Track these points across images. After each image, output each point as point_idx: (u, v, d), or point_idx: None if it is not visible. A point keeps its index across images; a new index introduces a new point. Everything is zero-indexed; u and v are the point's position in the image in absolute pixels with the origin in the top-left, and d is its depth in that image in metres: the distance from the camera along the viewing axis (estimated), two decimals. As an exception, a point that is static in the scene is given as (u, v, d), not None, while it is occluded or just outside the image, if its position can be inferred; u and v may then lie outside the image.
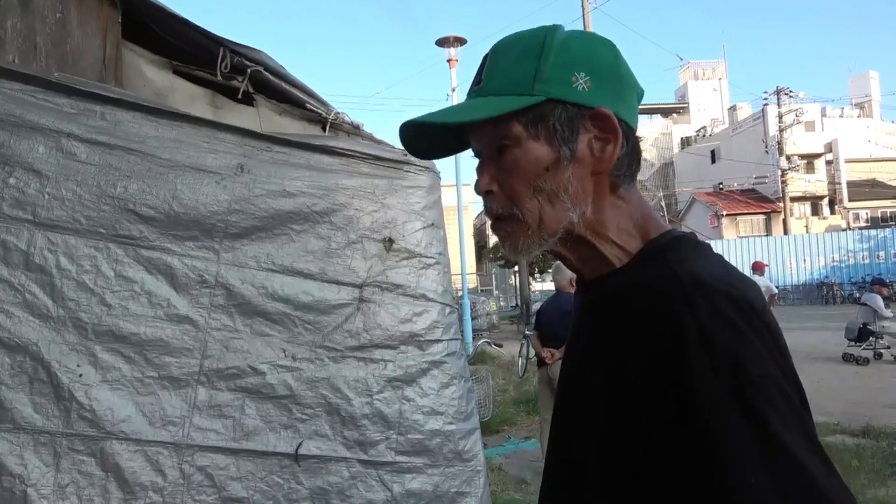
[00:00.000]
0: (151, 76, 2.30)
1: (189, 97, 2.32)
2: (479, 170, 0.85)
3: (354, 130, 2.49)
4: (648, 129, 51.63)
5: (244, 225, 2.11)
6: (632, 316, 0.77)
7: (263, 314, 2.11)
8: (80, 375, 1.87)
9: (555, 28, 0.83)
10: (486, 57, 0.86)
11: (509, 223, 0.83)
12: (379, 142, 2.47)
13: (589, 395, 0.83)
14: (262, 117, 2.39)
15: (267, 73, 2.28)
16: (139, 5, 2.17)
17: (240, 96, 2.31)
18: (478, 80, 0.85)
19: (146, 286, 1.98)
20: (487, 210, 0.86)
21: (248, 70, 2.26)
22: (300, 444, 2.11)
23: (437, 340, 2.40)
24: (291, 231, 2.20)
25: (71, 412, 1.85)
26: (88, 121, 1.93)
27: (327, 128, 2.47)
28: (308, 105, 2.42)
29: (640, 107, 0.90)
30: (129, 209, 1.96)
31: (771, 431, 0.63)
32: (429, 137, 0.90)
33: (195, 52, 2.27)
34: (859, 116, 47.94)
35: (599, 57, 0.82)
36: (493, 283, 36.75)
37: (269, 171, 2.17)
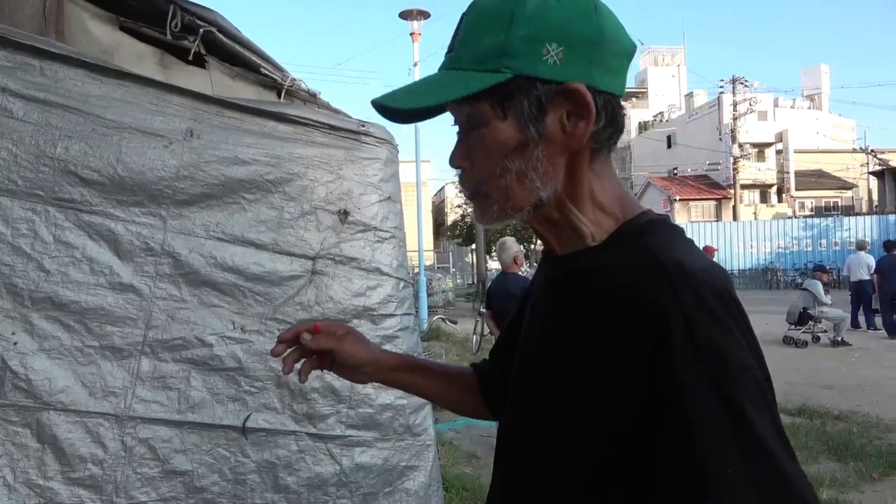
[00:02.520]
0: (96, 32, 2.19)
1: (136, 56, 2.22)
2: (456, 143, 0.84)
3: (311, 98, 2.42)
4: (608, 113, 52.01)
5: (193, 192, 2.04)
6: (607, 297, 0.75)
7: (212, 284, 2.05)
8: (15, 343, 1.79)
9: None
10: (462, 17, 0.81)
11: (477, 199, 0.83)
12: (336, 111, 2.41)
13: (550, 375, 0.81)
14: (214, 81, 2.30)
15: (220, 35, 2.19)
16: (84, -44, 2.05)
17: (191, 58, 2.22)
18: (451, 46, 0.81)
19: (87, 252, 1.90)
20: (461, 182, 0.86)
21: (201, 30, 2.16)
22: (248, 416, 2.08)
23: (391, 315, 2.39)
24: (243, 200, 2.13)
25: (5, 381, 1.77)
26: (26, 76, 1.82)
27: (283, 95, 2.40)
28: (263, 70, 2.35)
29: None
30: (70, 171, 1.87)
31: (747, 422, 0.65)
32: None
33: (143, 9, 2.16)
34: (809, 108, 49.45)
35: (576, 22, 0.76)
36: (451, 260, 36.84)
37: (221, 136, 2.09)
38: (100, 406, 1.88)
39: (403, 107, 0.81)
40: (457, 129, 0.85)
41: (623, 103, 0.88)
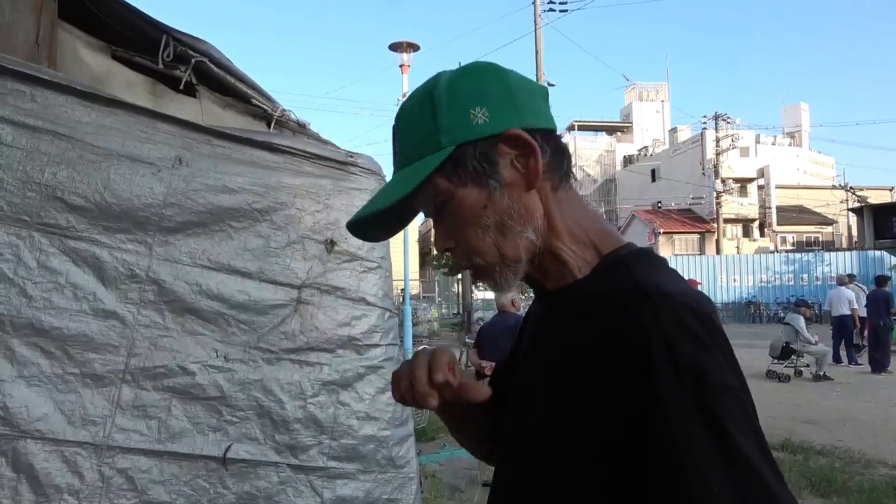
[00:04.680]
0: (88, 60, 2.20)
1: (127, 84, 2.23)
2: (435, 231, 0.89)
3: (300, 129, 2.45)
4: (593, 146, 52.81)
5: (180, 219, 2.04)
6: (594, 324, 0.77)
7: (196, 312, 2.04)
8: (-6, 370, 1.76)
9: (437, 79, 0.85)
10: (393, 130, 0.89)
11: (478, 271, 0.86)
12: (324, 141, 2.43)
13: (542, 403, 0.82)
14: (205, 110, 2.32)
15: (212, 65, 2.22)
16: (78, -15, 2.08)
17: (182, 87, 2.24)
18: (395, 150, 0.89)
19: (71, 278, 1.89)
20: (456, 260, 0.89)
21: (193, 60, 2.19)
22: (229, 447, 2.05)
23: (376, 345, 2.38)
24: (230, 228, 2.14)
25: (-19, 409, 1.74)
26: (17, 102, 1.83)
27: (272, 125, 2.42)
28: (253, 100, 2.37)
29: (587, 124, 0.94)
30: (57, 197, 1.87)
31: (731, 440, 0.65)
32: (379, 221, 0.90)
33: (136, 38, 2.19)
34: (790, 145, 50.45)
35: (485, 85, 0.84)
36: (436, 290, 36.77)
37: (209, 165, 2.10)
38: (78, 435, 1.85)
39: (364, 214, 0.86)
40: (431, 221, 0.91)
41: (608, 137, 0.92)
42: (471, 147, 0.82)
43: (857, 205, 33.52)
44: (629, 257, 0.84)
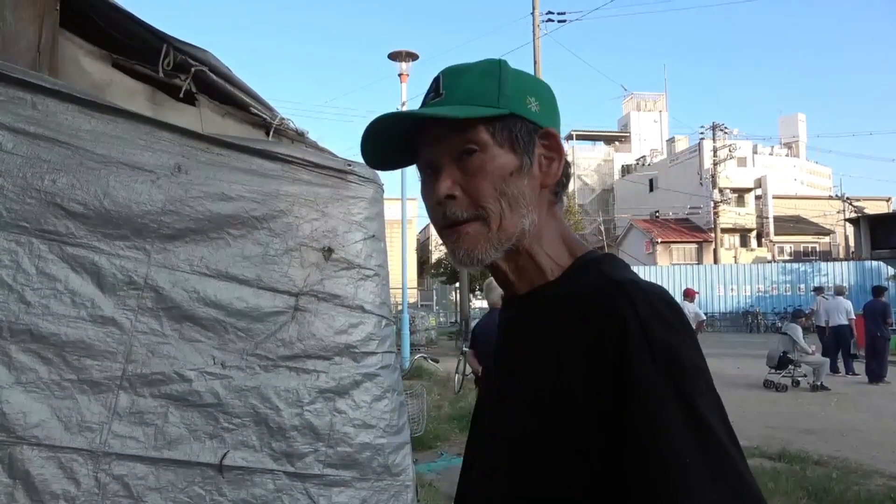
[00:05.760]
0: (89, 68, 2.22)
1: (127, 92, 2.25)
2: (437, 176, 0.87)
3: (299, 137, 2.46)
4: (592, 156, 52.95)
5: (178, 226, 2.05)
6: (570, 318, 0.81)
7: (193, 319, 2.05)
8: (-9, 376, 1.77)
9: (503, 60, 0.91)
10: (438, 77, 0.91)
11: (471, 225, 0.86)
12: (323, 150, 2.45)
13: (520, 403, 0.83)
14: (204, 118, 2.34)
15: (211, 74, 2.24)
16: (80, -6, 2.10)
17: (181, 95, 2.26)
18: (436, 93, 0.89)
19: (70, 285, 1.90)
20: (443, 216, 0.87)
21: (192, 69, 2.21)
22: (225, 454, 2.05)
23: (372, 353, 2.39)
24: (228, 235, 2.15)
25: (-22, 415, 1.74)
26: (18, 109, 1.84)
27: (271, 133, 2.43)
28: (252, 109, 2.39)
29: (585, 133, 0.99)
30: (57, 203, 1.88)
31: (699, 415, 0.70)
32: (385, 144, 0.92)
33: (137, 47, 2.21)
34: (787, 155, 50.63)
35: (542, 88, 0.93)
36: (434, 298, 36.76)
37: (208, 172, 2.12)
38: (75, 441, 1.85)
39: (422, 114, 0.85)
40: (425, 171, 0.91)
41: (606, 146, 0.96)
42: (521, 121, 0.87)
43: (854, 215, 33.62)
44: (599, 258, 0.90)
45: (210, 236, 2.11)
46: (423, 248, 45.87)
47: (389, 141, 0.91)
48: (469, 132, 0.85)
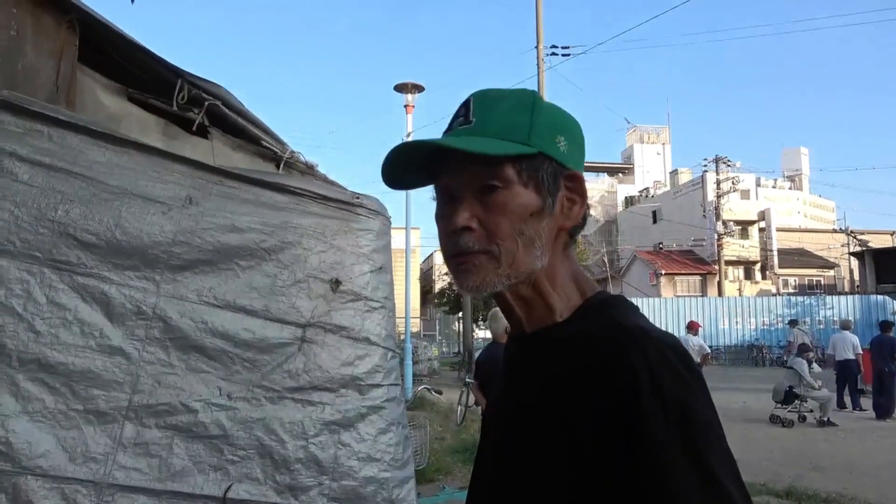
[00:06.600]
0: (105, 101, 2.27)
1: (142, 125, 2.29)
2: (455, 205, 0.86)
3: (308, 170, 2.50)
4: (595, 187, 53.21)
5: (188, 257, 2.07)
6: (580, 364, 0.80)
7: (200, 349, 2.06)
8: (-1, 405, 1.77)
9: (537, 93, 0.91)
10: (469, 101, 0.89)
11: (480, 257, 0.84)
12: (332, 183, 2.48)
13: (525, 446, 0.83)
14: (216, 151, 2.38)
15: (224, 108, 2.28)
16: (98, 30, 2.15)
17: (194, 128, 2.30)
18: (465, 118, 0.87)
19: (79, 314, 1.91)
20: (454, 245, 0.85)
21: (206, 103, 2.25)
22: (229, 486, 2.04)
23: (378, 385, 2.38)
24: (237, 266, 2.17)
25: (-16, 444, 1.74)
26: (34, 141, 1.88)
27: (281, 166, 2.47)
28: (264, 142, 2.43)
29: (589, 165, 0.98)
30: (69, 234, 1.91)
31: (713, 474, 0.69)
32: (407, 166, 0.89)
33: (152, 81, 2.26)
34: (790, 188, 50.79)
35: (572, 126, 0.91)
36: (437, 328, 36.62)
37: (219, 204, 2.15)
38: (79, 472, 1.85)
39: (456, 146, 0.83)
40: (443, 197, 0.88)
41: (609, 178, 0.96)
42: (548, 161, 0.86)
43: (858, 249, 33.56)
44: (608, 301, 0.88)
45: (219, 267, 2.13)
46: (426, 278, 45.86)
47: (409, 161, 0.89)
48: (495, 168, 0.83)
